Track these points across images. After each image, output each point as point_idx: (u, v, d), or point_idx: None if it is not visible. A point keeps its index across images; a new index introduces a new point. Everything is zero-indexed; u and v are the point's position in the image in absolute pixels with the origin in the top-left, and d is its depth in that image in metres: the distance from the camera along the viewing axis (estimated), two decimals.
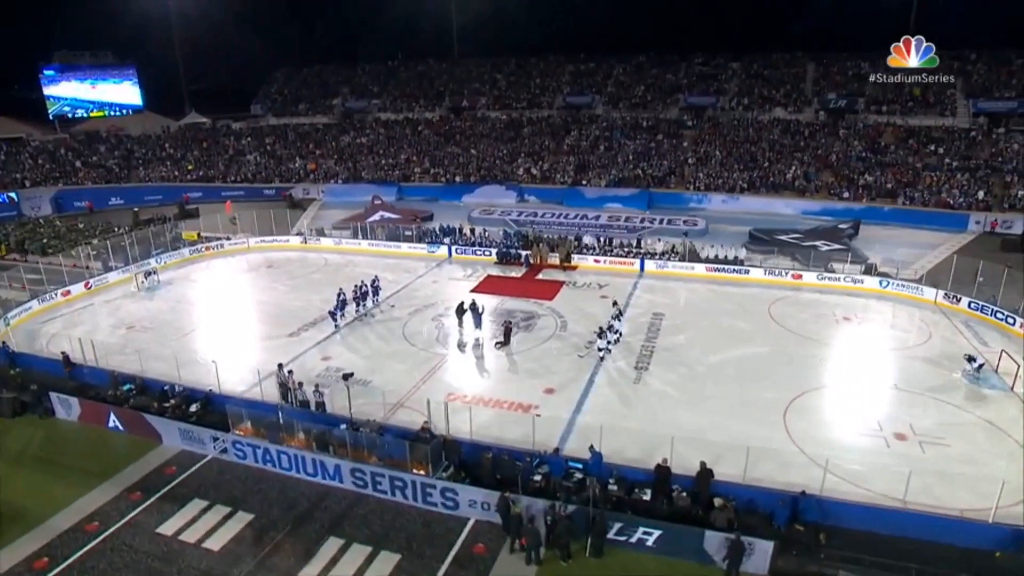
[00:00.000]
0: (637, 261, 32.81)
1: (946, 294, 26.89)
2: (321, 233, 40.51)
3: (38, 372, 23.25)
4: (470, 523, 15.32)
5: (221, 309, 29.56)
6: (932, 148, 45.51)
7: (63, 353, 22.76)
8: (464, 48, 72.33)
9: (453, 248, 36.26)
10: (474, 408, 19.65)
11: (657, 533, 14.13)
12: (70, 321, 28.50)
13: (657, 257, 32.76)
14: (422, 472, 15.85)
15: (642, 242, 34.43)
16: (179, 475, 17.60)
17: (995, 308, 25.08)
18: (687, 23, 70.13)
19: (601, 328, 22.92)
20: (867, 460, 16.87)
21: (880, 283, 28.76)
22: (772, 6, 66.26)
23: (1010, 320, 24.38)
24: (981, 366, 20.81)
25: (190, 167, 55.84)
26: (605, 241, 35.18)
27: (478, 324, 25.25)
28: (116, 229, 41.42)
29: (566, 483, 15.76)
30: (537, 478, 15.80)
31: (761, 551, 13.33)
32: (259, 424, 18.06)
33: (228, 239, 38.95)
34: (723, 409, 19.75)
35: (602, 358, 22.73)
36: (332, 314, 26.56)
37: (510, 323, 24.71)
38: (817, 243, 35.81)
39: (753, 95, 57.15)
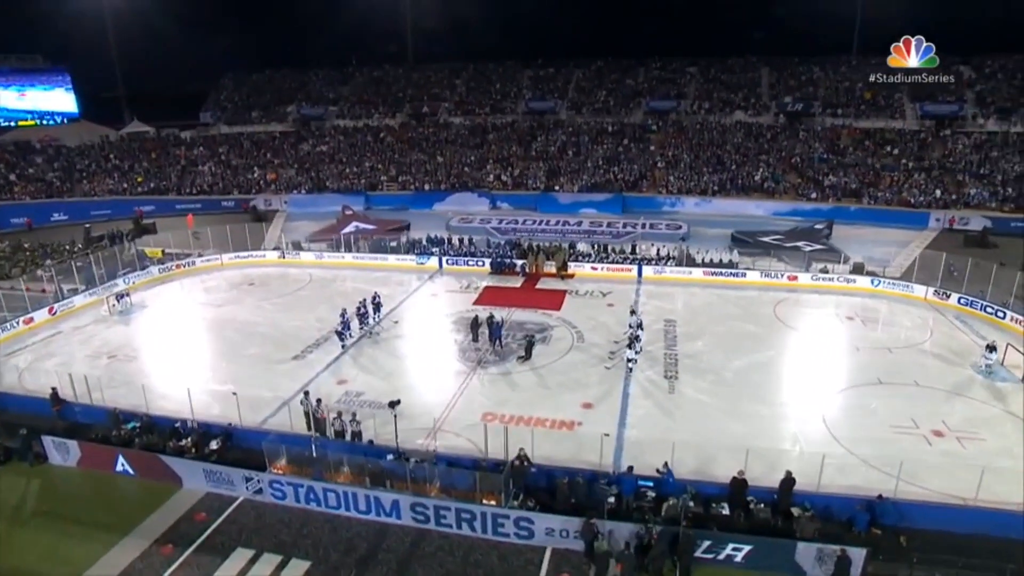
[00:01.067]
0: (634, 267, 32.88)
1: (936, 290, 28.14)
2: (298, 247, 38.70)
3: (15, 412, 21.06)
4: (548, 552, 14.70)
5: (210, 332, 27.64)
6: (888, 149, 47.89)
7: (52, 389, 20.60)
8: (419, 53, 71.24)
9: (444, 259, 35.32)
10: (513, 428, 19.09)
11: (747, 548, 13.94)
12: (39, 352, 25.98)
13: (654, 263, 32.90)
14: (493, 502, 15.11)
15: (637, 247, 34.50)
16: (212, 522, 16.15)
17: (985, 303, 26.40)
18: (641, 29, 71.41)
19: (631, 338, 22.66)
20: (916, 458, 17.20)
21: (872, 282, 29.87)
22: (724, 13, 68.16)
23: (1000, 314, 25.73)
24: (991, 365, 21.72)
25: (140, 179, 52.35)
26: (600, 248, 35.07)
27: (497, 338, 24.57)
28: (68, 248, 38.27)
29: (640, 503, 15.40)
30: (610, 500, 15.34)
31: (855, 559, 13.33)
32: (298, 460, 16.82)
33: (200, 255, 36.63)
34: (763, 415, 19.89)
35: (630, 369, 22.48)
36: (339, 334, 25.25)
37: (532, 337, 24.11)
38: (799, 244, 36.85)
39: (713, 99, 58.61)
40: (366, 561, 14.71)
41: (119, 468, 18.21)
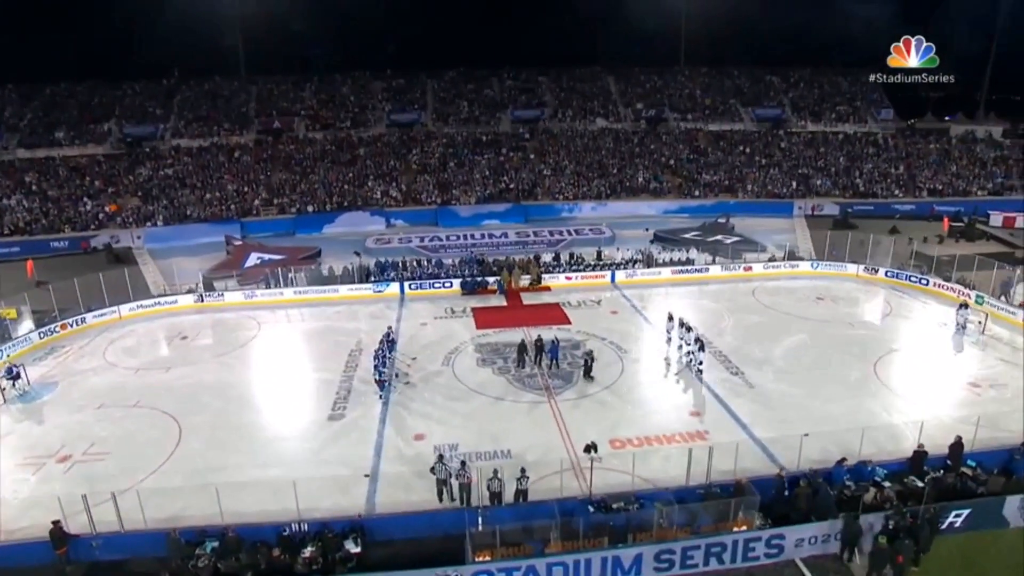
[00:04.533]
0: (608, 274, 33.31)
1: (865, 267, 32.95)
2: (210, 287, 32.35)
3: None
4: (800, 564, 14.33)
5: (186, 404, 21.65)
6: (741, 148, 54.75)
7: (55, 524, 14.55)
8: (253, 65, 63.95)
9: (407, 284, 32.25)
10: (648, 449, 18.34)
11: (965, 513, 15.03)
12: None
13: (624, 267, 33.67)
14: (744, 527, 14.29)
15: (602, 253, 35.01)
16: None
17: (908, 273, 31.64)
18: (488, 39, 72.33)
19: (700, 342, 22.90)
20: (984, 410, 19.83)
21: (812, 265, 33.94)
22: (566, 24, 72.02)
23: (924, 281, 31.02)
24: (965, 324, 26.08)
25: None
26: (568, 257, 34.88)
27: (554, 360, 23.23)
28: None
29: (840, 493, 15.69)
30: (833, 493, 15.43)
31: None
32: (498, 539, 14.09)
33: (89, 311, 28.75)
34: (841, 394, 21.40)
35: (700, 371, 22.75)
36: (380, 383, 21.70)
37: (591, 354, 23.05)
38: (718, 237, 40.60)
39: (573, 107, 61.61)
40: None
41: None
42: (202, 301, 31.10)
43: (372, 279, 32.23)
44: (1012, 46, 57.53)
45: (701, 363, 22.69)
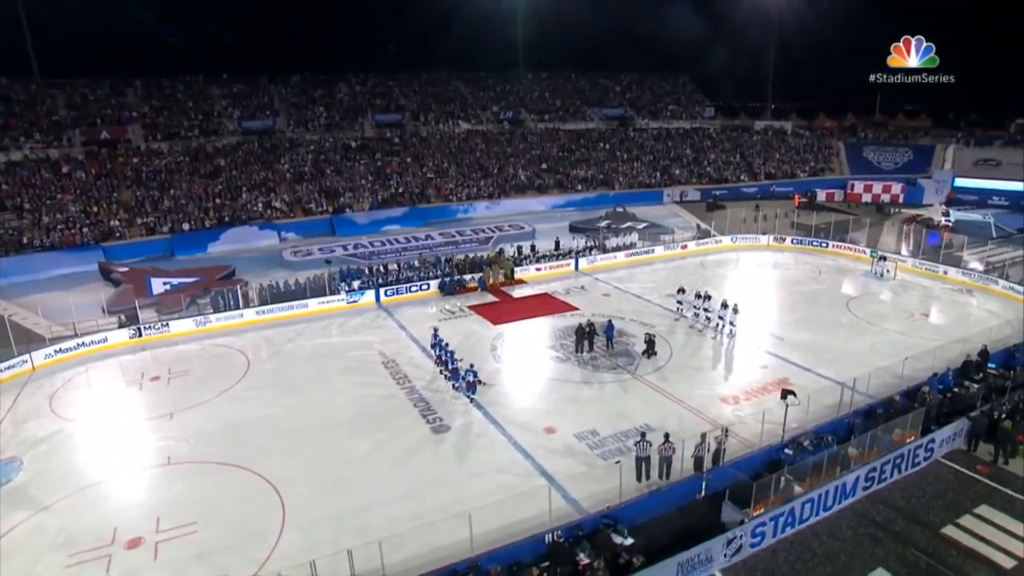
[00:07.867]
0: (572, 262, 34.39)
1: (774, 238, 38.52)
2: (132, 320, 26.51)
3: None
4: (946, 462, 16.94)
5: (241, 452, 17.86)
6: (601, 145, 59.46)
7: None
8: (48, 66, 52.65)
9: (383, 291, 29.86)
10: (757, 401, 19.94)
11: None
12: None
13: (585, 255, 35.03)
14: (912, 438, 16.52)
15: (560, 244, 35.89)
16: None
17: (812, 239, 37.79)
18: (325, 43, 68.87)
19: (733, 306, 25.04)
20: (946, 332, 24.89)
21: (731, 240, 38.64)
22: (405, 29, 71.40)
23: (824, 244, 37.32)
24: (883, 273, 32.08)
25: None
26: (530, 249, 35.09)
27: (610, 340, 23.70)
28: None
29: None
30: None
31: None
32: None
33: None
34: (848, 335, 25.09)
35: (733, 333, 25.02)
36: (472, 384, 20.21)
37: (652, 334, 23.89)
38: (628, 224, 43.93)
39: (433, 110, 61.26)
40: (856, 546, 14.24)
41: None
42: (140, 336, 25.43)
43: (345, 289, 29.22)
44: (785, 61, 70.37)
45: (734, 325, 24.95)
